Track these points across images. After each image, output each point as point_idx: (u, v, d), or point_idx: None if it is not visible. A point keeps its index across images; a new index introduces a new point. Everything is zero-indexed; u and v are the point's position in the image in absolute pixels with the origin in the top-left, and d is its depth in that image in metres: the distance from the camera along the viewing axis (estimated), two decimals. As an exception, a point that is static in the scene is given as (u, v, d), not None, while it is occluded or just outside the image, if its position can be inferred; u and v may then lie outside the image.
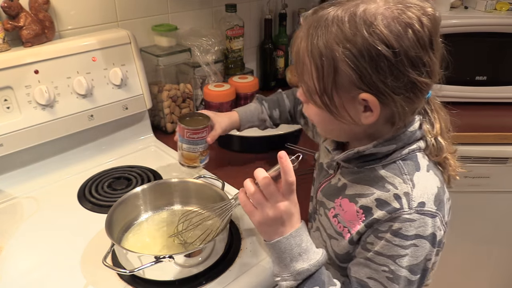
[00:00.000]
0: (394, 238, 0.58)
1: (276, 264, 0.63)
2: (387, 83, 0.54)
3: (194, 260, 0.75)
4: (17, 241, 0.87)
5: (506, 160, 1.37)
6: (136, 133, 1.25)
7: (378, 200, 0.60)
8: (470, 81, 1.43)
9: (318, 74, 0.57)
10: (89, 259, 0.81)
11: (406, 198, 0.58)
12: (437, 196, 0.59)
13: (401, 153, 0.62)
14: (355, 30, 0.53)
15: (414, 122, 0.63)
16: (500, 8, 1.41)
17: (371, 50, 0.53)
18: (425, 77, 0.55)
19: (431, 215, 0.58)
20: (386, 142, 0.61)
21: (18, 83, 0.99)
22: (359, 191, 0.63)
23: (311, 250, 0.62)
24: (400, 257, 0.58)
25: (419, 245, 0.58)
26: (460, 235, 1.50)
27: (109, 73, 1.12)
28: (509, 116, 1.43)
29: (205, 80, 1.37)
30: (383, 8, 0.54)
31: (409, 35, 0.53)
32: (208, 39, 1.35)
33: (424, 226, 0.57)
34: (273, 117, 1.04)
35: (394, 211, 0.58)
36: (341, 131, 0.64)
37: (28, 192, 1.02)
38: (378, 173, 0.62)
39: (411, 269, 0.58)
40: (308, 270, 0.60)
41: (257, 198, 0.62)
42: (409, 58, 0.53)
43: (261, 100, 1.05)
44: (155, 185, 0.91)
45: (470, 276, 1.65)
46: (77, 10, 1.15)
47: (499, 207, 1.47)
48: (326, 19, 0.56)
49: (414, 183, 0.59)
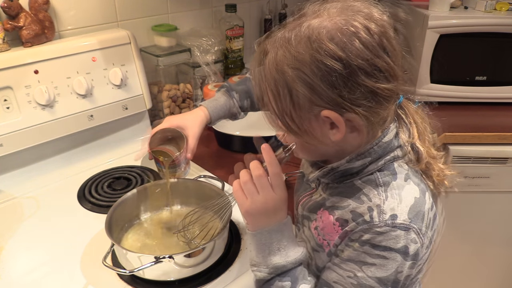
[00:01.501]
0: (363, 246, 0.57)
1: (255, 255, 0.64)
2: (344, 96, 0.53)
3: (194, 260, 0.75)
4: (17, 241, 0.87)
5: (506, 160, 1.37)
6: (136, 133, 1.25)
7: (353, 213, 0.60)
8: (470, 81, 1.43)
9: (275, 98, 0.57)
10: (89, 259, 0.81)
11: (377, 211, 0.57)
12: (413, 208, 0.58)
13: (377, 165, 0.60)
14: (301, 49, 0.52)
15: (388, 131, 0.60)
16: (500, 8, 1.41)
17: (320, 66, 0.52)
18: (384, 83, 0.54)
19: (404, 228, 0.56)
20: (359, 156, 0.60)
21: (18, 83, 0.99)
22: (337, 203, 0.63)
23: (291, 248, 0.62)
24: (367, 265, 0.57)
25: (389, 257, 0.56)
26: (460, 235, 1.50)
27: (109, 73, 1.12)
28: (509, 116, 1.43)
29: (205, 80, 1.37)
30: (326, 21, 0.53)
31: (356, 45, 0.51)
32: (208, 39, 1.35)
33: (395, 239, 0.56)
34: (244, 107, 1.00)
35: (364, 223, 0.57)
36: (316, 153, 0.64)
37: (28, 192, 1.02)
38: (355, 185, 0.61)
39: (380, 280, 0.57)
40: (284, 267, 0.61)
41: (248, 187, 0.62)
42: (360, 67, 0.52)
43: (230, 91, 0.99)
44: (155, 185, 0.91)
45: (470, 276, 1.65)
46: (77, 10, 1.15)
47: (499, 207, 1.47)
48: (274, 41, 0.56)
49: (387, 194, 0.58)
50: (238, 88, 0.99)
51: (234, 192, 0.65)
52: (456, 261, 1.58)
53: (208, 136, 1.28)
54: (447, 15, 1.37)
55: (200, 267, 0.76)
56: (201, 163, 1.14)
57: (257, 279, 0.63)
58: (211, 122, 0.97)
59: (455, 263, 1.58)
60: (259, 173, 0.62)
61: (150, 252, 0.79)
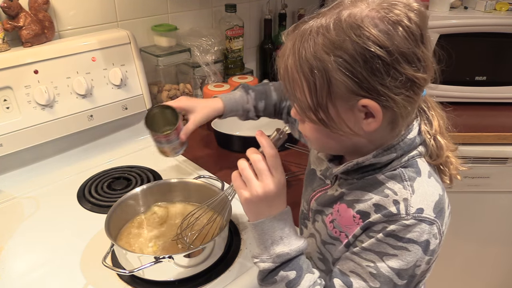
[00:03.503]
0: (386, 237, 0.57)
1: (256, 246, 0.63)
2: (386, 85, 0.53)
3: (194, 260, 0.75)
4: (17, 241, 0.87)
5: (506, 160, 1.37)
6: (136, 133, 1.25)
7: (376, 205, 0.59)
8: (470, 81, 1.44)
9: (310, 88, 0.55)
10: (88, 259, 0.81)
11: (404, 204, 0.57)
12: (438, 204, 0.58)
13: (400, 161, 0.60)
14: (344, 36, 0.52)
15: (412, 129, 0.61)
16: (499, 8, 1.41)
17: (364, 53, 0.51)
18: (422, 72, 0.54)
19: (429, 222, 0.57)
20: (386, 151, 0.60)
21: (17, 83, 0.99)
22: (357, 197, 0.62)
23: (293, 236, 0.62)
24: (388, 255, 0.57)
25: (411, 250, 0.56)
26: (460, 235, 1.50)
27: (109, 73, 1.12)
28: (509, 116, 1.43)
29: (205, 80, 1.37)
30: (367, 10, 0.52)
31: (400, 32, 0.52)
32: (207, 39, 1.35)
33: (420, 232, 0.56)
34: (258, 108, 0.99)
35: (390, 215, 0.57)
36: (341, 145, 0.62)
37: (28, 192, 1.02)
38: (378, 179, 0.61)
39: (398, 273, 0.57)
40: (288, 254, 0.60)
41: (246, 174, 0.62)
42: (403, 55, 0.52)
43: (247, 89, 0.99)
44: (154, 185, 0.91)
45: (470, 276, 1.65)
46: (76, 10, 1.15)
47: (499, 207, 1.47)
48: (310, 31, 0.54)
49: (414, 189, 0.58)
50: (256, 88, 0.99)
51: (233, 181, 0.64)
52: (456, 261, 1.58)
53: (208, 136, 1.28)
54: (447, 15, 1.37)
55: (200, 267, 0.76)
56: (201, 163, 1.14)
57: (261, 270, 0.62)
58: (224, 114, 0.96)
59: (455, 263, 1.58)
60: (255, 158, 0.61)
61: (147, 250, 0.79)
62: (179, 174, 1.10)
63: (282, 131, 0.64)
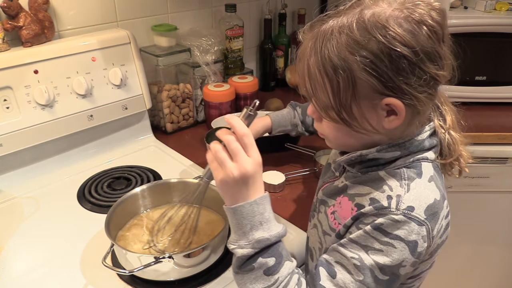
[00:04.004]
0: (374, 231, 0.57)
1: (234, 232, 0.61)
2: (411, 84, 0.53)
3: (194, 260, 0.75)
4: (17, 241, 0.87)
5: (506, 160, 1.37)
6: (136, 133, 1.25)
7: (372, 199, 0.60)
8: (470, 81, 1.43)
9: (333, 88, 0.55)
10: (89, 259, 0.81)
11: (396, 199, 0.57)
12: (431, 207, 0.58)
13: (405, 161, 0.61)
14: (369, 36, 0.52)
15: (422, 132, 0.62)
16: (499, 8, 1.41)
17: (390, 53, 0.51)
18: (443, 70, 0.55)
19: (418, 222, 0.56)
20: (390, 148, 0.60)
21: (17, 83, 0.99)
22: (359, 191, 0.63)
23: (273, 222, 0.61)
24: (373, 250, 0.57)
25: (397, 247, 0.56)
26: (460, 235, 1.50)
27: (109, 73, 1.12)
28: (509, 116, 1.43)
29: (205, 80, 1.37)
30: (390, 10, 0.53)
31: (424, 31, 0.52)
32: (207, 39, 1.34)
33: (408, 231, 0.56)
34: (306, 123, 1.05)
35: (381, 208, 0.57)
36: (360, 142, 0.62)
37: (28, 192, 1.02)
38: (379, 176, 0.61)
39: (382, 269, 0.57)
40: (268, 240, 0.59)
41: (220, 156, 0.59)
42: (427, 54, 0.53)
43: (294, 106, 1.06)
44: (154, 185, 0.91)
45: (469, 276, 1.65)
46: (76, 10, 1.15)
47: (499, 207, 1.47)
48: (332, 31, 0.54)
49: (410, 188, 0.58)
50: (303, 105, 1.05)
51: (209, 164, 0.62)
52: (456, 261, 1.58)
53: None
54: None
55: (200, 267, 0.76)
56: (200, 163, 1.14)
57: (238, 256, 0.60)
58: (272, 129, 1.04)
59: (455, 263, 1.58)
60: (228, 138, 0.59)
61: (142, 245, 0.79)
62: (179, 174, 1.10)
63: (251, 108, 0.63)
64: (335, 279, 0.58)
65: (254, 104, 0.63)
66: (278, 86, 1.69)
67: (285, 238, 0.85)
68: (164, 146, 1.24)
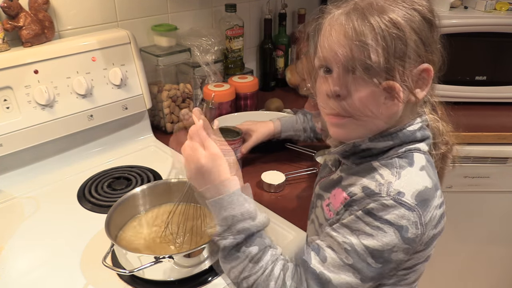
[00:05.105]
0: (364, 215, 0.58)
1: (217, 224, 0.63)
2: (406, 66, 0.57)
3: (194, 260, 0.75)
4: (17, 241, 0.87)
5: (506, 160, 1.37)
6: (136, 133, 1.25)
7: (363, 187, 0.60)
8: (470, 81, 1.43)
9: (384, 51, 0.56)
10: (89, 259, 0.81)
11: (386, 186, 0.58)
12: (421, 194, 0.58)
13: (397, 151, 0.62)
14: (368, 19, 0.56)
15: (414, 123, 0.63)
16: (500, 8, 1.41)
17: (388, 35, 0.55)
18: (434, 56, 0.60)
19: (408, 207, 0.57)
20: (382, 137, 0.62)
21: (17, 83, 0.99)
22: (352, 182, 0.64)
23: (254, 211, 0.62)
24: (363, 234, 0.58)
25: (387, 232, 0.57)
26: (460, 235, 1.50)
27: (109, 73, 1.12)
28: (509, 116, 1.43)
29: (205, 80, 1.37)
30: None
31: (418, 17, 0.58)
32: (207, 39, 1.35)
33: (398, 215, 0.56)
34: (314, 129, 1.11)
35: (371, 194, 0.58)
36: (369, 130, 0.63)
37: (28, 192, 1.02)
38: (372, 166, 0.63)
39: (372, 253, 0.57)
40: (248, 230, 0.61)
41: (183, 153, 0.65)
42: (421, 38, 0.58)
43: (305, 112, 1.12)
44: (154, 185, 0.91)
45: (470, 276, 1.65)
46: (77, 10, 1.15)
47: (499, 207, 1.47)
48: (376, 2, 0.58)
49: (400, 175, 0.59)
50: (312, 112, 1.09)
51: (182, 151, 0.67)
52: (456, 261, 1.58)
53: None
54: (447, 15, 1.37)
55: (200, 267, 0.76)
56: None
57: (222, 247, 0.62)
58: (281, 133, 1.12)
59: (455, 263, 1.58)
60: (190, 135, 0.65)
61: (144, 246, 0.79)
62: (179, 174, 1.10)
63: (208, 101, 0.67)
64: (325, 263, 0.59)
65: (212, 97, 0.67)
66: (278, 86, 1.70)
67: (284, 237, 0.86)
68: (164, 146, 1.24)
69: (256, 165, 1.13)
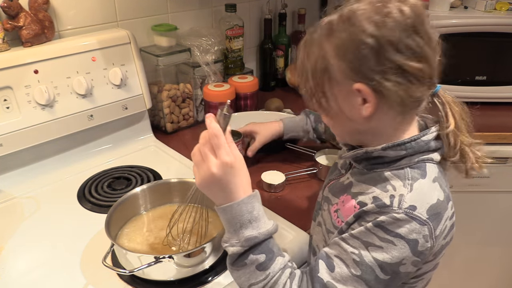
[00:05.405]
0: (374, 227, 0.57)
1: (226, 230, 0.63)
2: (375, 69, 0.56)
3: (194, 260, 0.75)
4: (17, 241, 0.87)
5: (506, 160, 1.37)
6: (136, 133, 1.25)
7: (375, 198, 0.60)
8: (470, 81, 1.43)
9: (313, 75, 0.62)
10: (89, 259, 0.81)
11: (398, 198, 0.58)
12: (434, 207, 0.58)
13: (410, 161, 0.61)
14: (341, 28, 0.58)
15: (428, 132, 0.62)
16: (500, 8, 1.41)
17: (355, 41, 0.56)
18: (414, 62, 0.56)
19: (420, 222, 0.56)
20: (396, 146, 0.61)
21: (17, 83, 0.99)
22: (362, 190, 0.63)
23: (262, 219, 0.62)
24: (373, 246, 0.57)
25: (397, 245, 0.56)
26: (460, 235, 1.49)
27: (109, 73, 1.12)
28: (509, 116, 1.43)
29: (205, 80, 1.37)
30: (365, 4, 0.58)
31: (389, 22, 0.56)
32: (207, 39, 1.34)
33: (409, 229, 0.56)
34: (318, 130, 1.10)
35: (383, 206, 0.58)
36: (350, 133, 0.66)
37: (28, 192, 1.02)
38: (384, 175, 0.62)
39: (381, 266, 0.57)
40: (256, 238, 0.60)
41: (195, 159, 0.63)
42: (391, 43, 0.55)
43: (308, 113, 1.11)
44: (155, 185, 0.91)
45: (470, 276, 1.65)
46: (76, 10, 1.15)
47: (499, 207, 1.47)
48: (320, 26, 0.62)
49: (413, 188, 0.59)
50: (316, 113, 1.09)
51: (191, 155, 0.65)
52: (456, 261, 1.58)
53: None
54: (447, 15, 1.37)
55: (200, 267, 0.76)
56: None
57: (230, 254, 0.62)
58: (284, 134, 1.11)
59: (455, 263, 1.58)
60: (201, 141, 0.63)
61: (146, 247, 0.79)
62: (179, 174, 1.10)
63: (223, 106, 0.64)
64: (333, 273, 0.59)
65: (226, 104, 0.65)
66: (278, 86, 1.69)
67: (284, 237, 0.86)
68: (164, 146, 1.24)
69: (256, 165, 1.13)
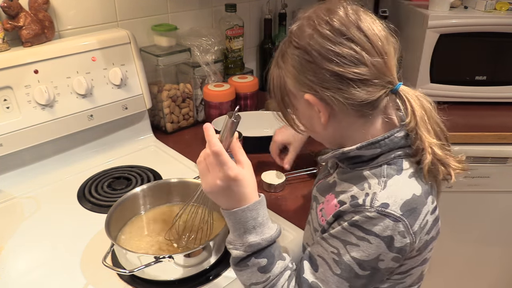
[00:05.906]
0: (351, 227, 0.59)
1: (231, 232, 0.65)
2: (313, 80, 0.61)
3: (194, 260, 0.75)
4: (17, 241, 0.87)
5: (506, 160, 1.37)
6: (136, 133, 1.25)
7: (352, 196, 0.62)
8: (470, 81, 1.44)
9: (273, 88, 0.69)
10: (89, 259, 0.81)
11: (371, 197, 0.59)
12: (408, 203, 0.58)
13: (386, 158, 0.62)
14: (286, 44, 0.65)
15: (402, 129, 0.62)
16: (500, 8, 1.41)
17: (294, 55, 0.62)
18: (352, 67, 0.58)
19: (393, 218, 0.57)
20: (370, 145, 0.62)
21: (17, 83, 0.99)
22: (344, 189, 0.65)
23: (266, 225, 0.64)
24: (351, 245, 0.59)
25: (372, 243, 0.58)
26: (460, 235, 1.50)
27: (109, 73, 1.12)
28: (509, 116, 1.43)
29: (205, 80, 1.37)
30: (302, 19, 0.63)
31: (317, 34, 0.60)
32: (208, 39, 1.34)
33: (383, 227, 0.57)
34: None
35: (356, 206, 0.59)
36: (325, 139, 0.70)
37: (28, 192, 1.02)
38: (363, 174, 0.63)
39: (359, 263, 0.59)
40: (259, 244, 0.62)
41: (201, 167, 0.65)
42: (321, 54, 0.59)
43: None
44: (155, 185, 0.91)
45: (470, 276, 1.65)
46: (77, 10, 1.15)
47: (499, 207, 1.47)
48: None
49: (386, 185, 0.60)
50: None
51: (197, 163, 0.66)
52: (456, 261, 1.58)
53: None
54: (447, 15, 1.37)
55: (200, 267, 0.76)
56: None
57: (233, 256, 0.64)
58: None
59: (455, 263, 1.58)
60: (205, 153, 0.64)
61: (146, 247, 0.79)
62: (179, 174, 1.10)
63: (232, 113, 0.64)
64: (317, 273, 0.62)
65: (236, 110, 0.65)
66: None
67: (284, 237, 0.86)
68: (164, 146, 1.24)
69: (256, 165, 1.13)
